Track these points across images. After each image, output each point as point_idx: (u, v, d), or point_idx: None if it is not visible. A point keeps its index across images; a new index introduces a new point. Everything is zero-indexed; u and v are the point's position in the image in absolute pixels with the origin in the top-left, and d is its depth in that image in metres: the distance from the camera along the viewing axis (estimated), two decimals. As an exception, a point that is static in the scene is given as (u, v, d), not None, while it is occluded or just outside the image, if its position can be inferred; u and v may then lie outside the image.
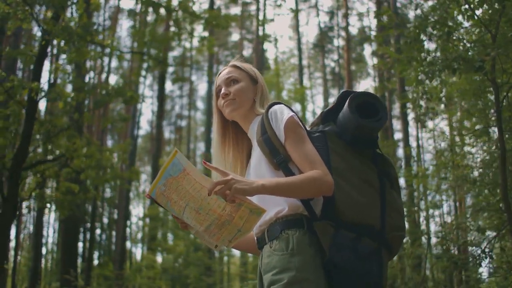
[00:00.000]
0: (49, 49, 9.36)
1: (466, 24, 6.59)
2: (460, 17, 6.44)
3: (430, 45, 6.62)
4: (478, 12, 6.19)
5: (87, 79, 14.10)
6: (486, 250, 5.72)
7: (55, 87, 8.44)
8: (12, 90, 8.45)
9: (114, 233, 25.17)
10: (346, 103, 2.10)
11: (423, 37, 5.95)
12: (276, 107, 2.13)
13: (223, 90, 2.27)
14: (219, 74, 2.35)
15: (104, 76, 22.88)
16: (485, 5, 5.91)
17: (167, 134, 29.96)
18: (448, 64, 5.48)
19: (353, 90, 2.20)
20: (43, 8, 9.67)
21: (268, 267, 1.95)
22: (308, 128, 2.20)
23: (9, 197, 8.15)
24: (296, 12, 23.79)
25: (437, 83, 6.85)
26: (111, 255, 23.44)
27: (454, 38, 5.95)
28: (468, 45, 6.33)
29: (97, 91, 9.39)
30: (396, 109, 25.62)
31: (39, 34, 18.38)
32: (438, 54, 6.21)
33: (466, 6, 6.09)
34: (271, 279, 1.90)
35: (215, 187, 1.81)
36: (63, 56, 12.90)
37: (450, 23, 6.15)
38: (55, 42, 9.09)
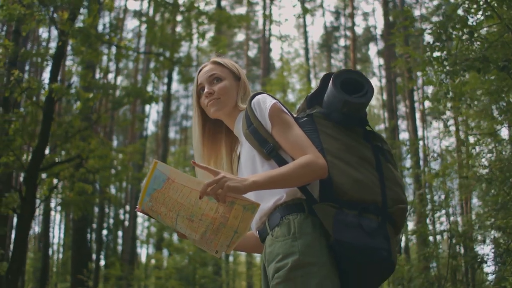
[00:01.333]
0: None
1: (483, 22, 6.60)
2: (475, 17, 6.47)
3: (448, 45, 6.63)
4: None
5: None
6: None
7: (71, 88, 8.45)
8: (29, 90, 8.48)
9: (120, 233, 25.21)
10: (330, 82, 2.07)
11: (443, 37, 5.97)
12: (258, 97, 2.10)
13: (206, 89, 2.21)
14: (200, 72, 2.29)
15: (110, 76, 22.84)
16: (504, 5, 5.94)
17: (172, 134, 30.01)
18: (471, 64, 5.50)
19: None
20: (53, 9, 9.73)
21: (271, 256, 1.90)
22: (294, 115, 2.16)
23: (28, 198, 8.16)
24: (305, 12, 23.81)
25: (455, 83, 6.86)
26: (117, 255, 23.49)
27: (476, 37, 5.96)
28: (486, 45, 6.34)
29: (111, 91, 9.42)
30: (401, 109, 25.72)
31: (44, 35, 18.51)
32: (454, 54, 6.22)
33: (485, 5, 6.11)
34: (275, 267, 1.85)
35: (207, 189, 1.77)
36: (70, 57, 13.01)
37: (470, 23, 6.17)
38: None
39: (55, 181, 9.93)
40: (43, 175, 9.51)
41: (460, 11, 6.39)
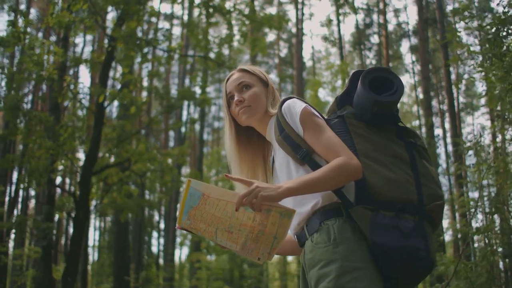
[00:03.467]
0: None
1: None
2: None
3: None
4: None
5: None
6: None
7: (122, 92, 8.55)
8: (78, 96, 8.64)
9: (156, 234, 25.45)
10: (359, 82, 2.05)
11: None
12: (288, 102, 2.09)
13: (236, 97, 2.21)
14: (228, 80, 2.27)
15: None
16: None
17: (204, 135, 30.16)
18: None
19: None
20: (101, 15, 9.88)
21: (312, 262, 1.89)
22: (325, 117, 2.15)
23: (81, 201, 8.32)
24: (338, 12, 23.73)
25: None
26: (153, 257, 23.71)
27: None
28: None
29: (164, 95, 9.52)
30: (435, 106, 25.36)
31: (77, 40, 18.77)
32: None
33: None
34: (318, 274, 1.84)
35: (242, 200, 1.80)
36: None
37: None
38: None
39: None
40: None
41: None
